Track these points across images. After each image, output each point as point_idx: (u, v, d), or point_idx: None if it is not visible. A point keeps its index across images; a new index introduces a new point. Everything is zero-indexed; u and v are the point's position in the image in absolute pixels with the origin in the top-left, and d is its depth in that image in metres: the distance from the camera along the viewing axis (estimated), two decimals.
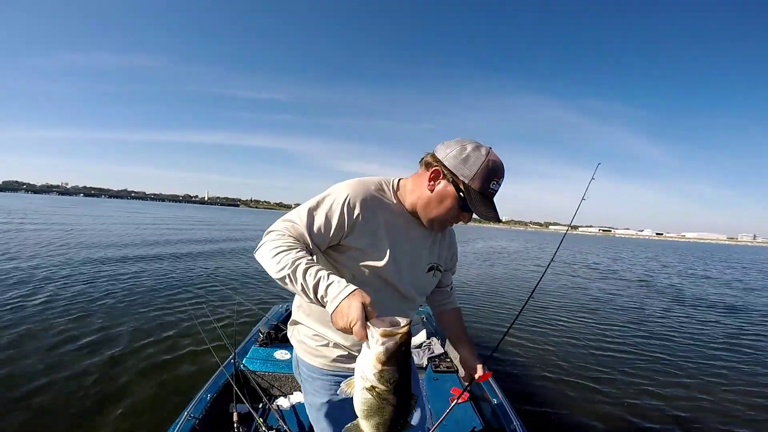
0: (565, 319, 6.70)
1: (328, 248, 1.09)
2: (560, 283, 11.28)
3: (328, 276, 0.87)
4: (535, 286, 1.72)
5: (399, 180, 1.18)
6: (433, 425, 2.27)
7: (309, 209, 1.03)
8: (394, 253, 1.09)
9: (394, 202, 1.13)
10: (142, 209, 56.43)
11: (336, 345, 1.18)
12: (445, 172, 1.04)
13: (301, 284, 0.88)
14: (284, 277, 0.90)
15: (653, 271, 16.80)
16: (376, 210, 1.07)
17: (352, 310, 0.78)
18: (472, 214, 1.09)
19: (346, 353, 1.18)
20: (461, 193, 1.03)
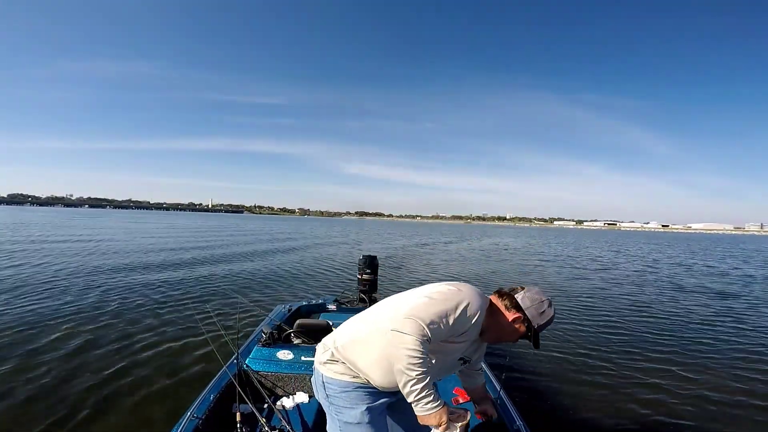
0: (566, 312, 6.67)
1: None
2: (561, 276, 11.25)
3: (433, 395, 1.24)
4: None
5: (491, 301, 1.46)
6: None
7: (454, 320, 1.29)
8: (462, 352, 1.44)
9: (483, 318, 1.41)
10: (150, 219, 56.67)
11: None
12: (524, 318, 1.39)
13: (415, 390, 1.22)
14: (410, 380, 1.21)
15: (655, 263, 16.72)
16: (479, 325, 1.38)
17: (443, 418, 1.25)
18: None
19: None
20: (529, 333, 1.41)
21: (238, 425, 2.05)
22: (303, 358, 2.60)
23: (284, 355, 2.66)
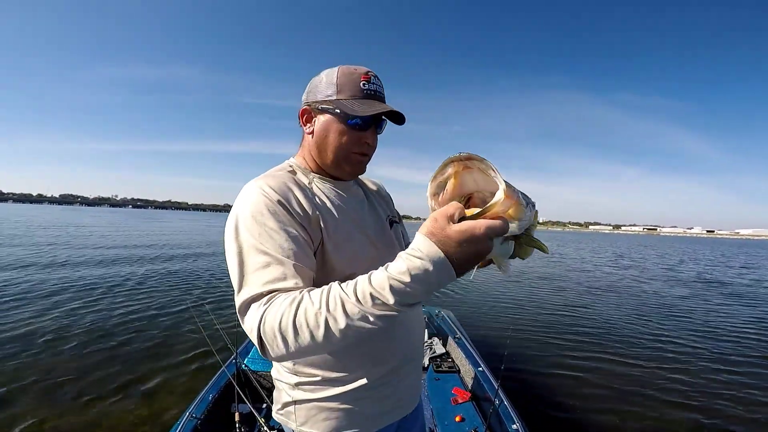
0: (568, 317, 6.42)
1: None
2: (565, 281, 10.79)
3: (388, 266, 0.59)
4: None
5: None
6: (435, 425, 2.24)
7: (260, 252, 0.73)
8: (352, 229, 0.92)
9: (305, 179, 0.92)
10: (193, 219, 58.48)
11: (358, 378, 0.88)
12: (313, 107, 0.89)
13: (365, 312, 0.58)
14: (344, 329, 0.59)
15: (668, 268, 15.59)
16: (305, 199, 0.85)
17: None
18: (369, 129, 0.89)
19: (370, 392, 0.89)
20: (337, 110, 0.85)
21: (237, 425, 2.07)
22: None
23: None
